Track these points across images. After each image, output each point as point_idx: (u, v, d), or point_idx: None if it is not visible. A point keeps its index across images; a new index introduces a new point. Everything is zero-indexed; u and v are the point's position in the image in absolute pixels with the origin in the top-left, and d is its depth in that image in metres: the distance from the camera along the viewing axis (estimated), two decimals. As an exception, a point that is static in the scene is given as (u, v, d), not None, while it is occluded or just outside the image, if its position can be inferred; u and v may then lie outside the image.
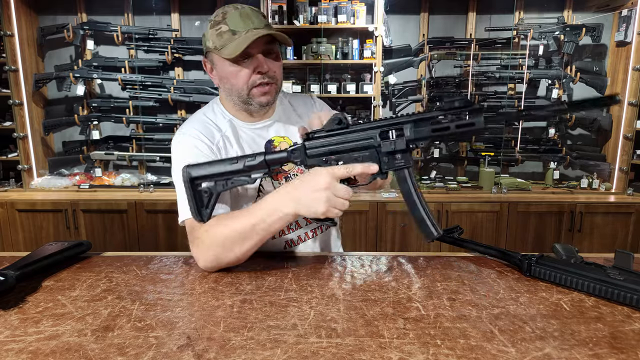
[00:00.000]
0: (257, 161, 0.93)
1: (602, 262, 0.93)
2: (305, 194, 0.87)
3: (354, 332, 0.71)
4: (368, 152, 0.88)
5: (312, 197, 0.86)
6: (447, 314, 0.77)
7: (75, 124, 3.13)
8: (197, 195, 0.96)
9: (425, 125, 0.83)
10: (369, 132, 0.87)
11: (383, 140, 0.86)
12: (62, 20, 3.06)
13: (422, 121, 0.83)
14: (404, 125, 0.85)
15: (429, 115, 0.83)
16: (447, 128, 0.81)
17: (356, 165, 0.87)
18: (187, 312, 0.78)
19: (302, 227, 1.18)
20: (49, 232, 2.86)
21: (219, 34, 1.02)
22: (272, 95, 1.09)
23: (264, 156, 0.93)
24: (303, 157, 0.92)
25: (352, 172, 0.87)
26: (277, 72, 1.09)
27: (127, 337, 0.69)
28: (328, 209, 0.86)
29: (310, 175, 0.89)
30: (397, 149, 0.86)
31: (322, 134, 0.91)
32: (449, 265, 1.01)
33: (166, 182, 3.08)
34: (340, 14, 2.90)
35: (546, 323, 0.73)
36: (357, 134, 0.88)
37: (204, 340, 0.69)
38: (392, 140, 0.86)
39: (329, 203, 0.86)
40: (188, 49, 3.04)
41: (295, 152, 0.92)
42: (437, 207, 2.79)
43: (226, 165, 0.95)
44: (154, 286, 0.90)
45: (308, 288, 0.88)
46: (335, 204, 0.87)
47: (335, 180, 0.86)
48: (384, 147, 0.86)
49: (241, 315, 0.77)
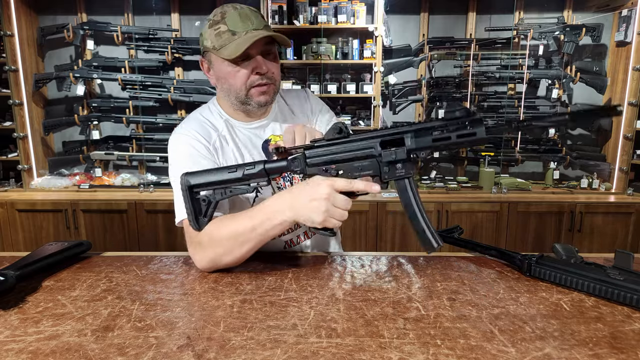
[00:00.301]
0: (257, 170, 0.93)
1: (602, 262, 0.93)
2: (304, 203, 0.87)
3: (354, 332, 0.71)
4: (368, 161, 0.88)
5: (311, 206, 0.87)
6: (447, 314, 0.77)
7: (75, 124, 3.13)
8: (195, 204, 0.96)
9: (426, 135, 0.83)
10: (369, 142, 0.87)
11: (384, 150, 0.86)
12: (62, 20, 3.06)
13: (423, 131, 0.83)
14: (405, 135, 0.84)
15: (430, 125, 0.82)
16: (448, 138, 0.81)
17: (358, 182, 0.87)
18: (187, 312, 0.78)
19: (301, 227, 1.18)
20: (49, 232, 2.86)
21: (217, 34, 1.02)
22: (270, 95, 1.09)
23: (264, 165, 0.93)
24: (303, 165, 0.92)
25: (352, 188, 0.87)
26: (276, 72, 1.09)
27: (127, 337, 0.70)
28: (326, 218, 0.86)
29: (311, 184, 0.88)
30: (398, 158, 0.85)
31: (322, 142, 0.91)
32: (449, 265, 1.02)
33: (166, 182, 3.07)
34: (340, 14, 2.90)
35: (546, 323, 0.73)
36: (357, 144, 0.88)
37: (204, 340, 0.69)
38: (392, 149, 0.85)
39: (327, 213, 0.86)
40: (188, 49, 3.04)
41: (295, 161, 0.92)
42: (437, 207, 2.79)
43: (225, 173, 0.94)
44: (154, 286, 0.90)
45: (308, 288, 0.88)
46: (334, 215, 0.87)
47: (335, 192, 0.86)
48: (384, 156, 0.86)
49: (241, 315, 0.77)
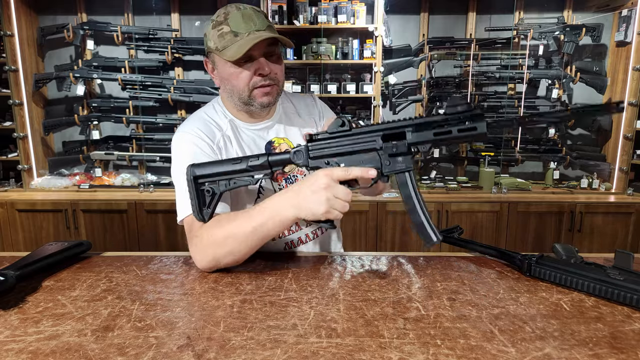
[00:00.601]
0: (260, 162, 0.94)
1: (602, 262, 0.93)
2: (305, 198, 0.87)
3: (354, 332, 0.71)
4: (370, 154, 0.88)
5: (312, 199, 0.86)
6: (447, 314, 0.77)
7: (75, 124, 3.13)
8: (199, 195, 0.97)
9: (428, 128, 0.83)
10: (371, 135, 0.87)
11: (385, 143, 0.86)
12: (62, 20, 3.05)
13: (424, 125, 0.83)
14: (406, 129, 0.85)
15: (432, 119, 0.82)
16: (449, 132, 0.81)
17: (354, 169, 0.87)
18: (187, 312, 0.78)
19: (302, 228, 1.18)
20: (49, 232, 2.85)
21: (220, 35, 1.01)
22: (273, 96, 1.09)
23: (267, 157, 0.94)
24: (305, 158, 0.92)
25: (350, 175, 0.87)
26: (279, 73, 1.08)
27: (127, 337, 0.69)
28: (328, 209, 0.86)
29: (308, 178, 0.89)
30: (399, 151, 0.85)
31: (324, 136, 0.91)
32: (449, 265, 1.02)
33: (166, 182, 3.07)
34: (340, 14, 2.89)
35: (546, 323, 0.73)
36: (359, 137, 0.88)
37: (204, 340, 0.69)
38: (394, 143, 0.85)
39: (328, 204, 0.86)
40: (188, 49, 3.03)
41: (298, 154, 0.93)
42: (437, 207, 2.78)
43: (229, 165, 0.96)
44: (154, 286, 0.90)
45: (308, 288, 0.88)
46: (335, 205, 0.86)
47: (334, 182, 0.86)
48: (385, 149, 0.86)
49: (241, 315, 0.77)
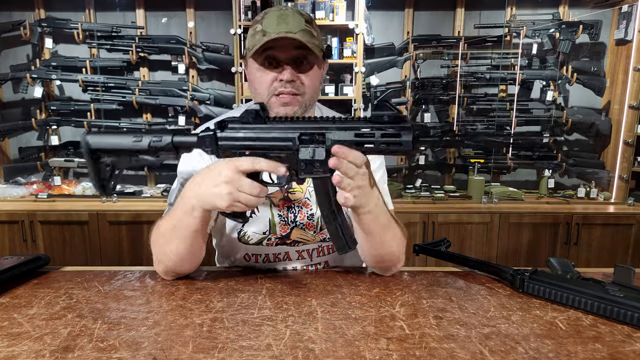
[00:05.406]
0: (164, 143, 0.87)
1: (601, 278, 0.93)
2: (206, 189, 0.86)
3: (332, 353, 0.70)
4: (285, 154, 0.84)
5: (213, 192, 0.85)
6: (433, 334, 0.77)
7: (32, 129, 3.06)
8: (99, 168, 0.92)
9: (349, 134, 0.80)
10: (287, 133, 0.83)
11: (302, 145, 0.82)
12: (18, 16, 2.98)
13: (346, 130, 0.80)
14: (326, 132, 0.81)
15: (356, 125, 0.80)
16: (372, 135, 0.79)
17: (262, 161, 0.83)
18: (153, 331, 0.78)
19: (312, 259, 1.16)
20: (4, 245, 2.77)
21: (252, 34, 1.03)
22: (293, 108, 1.04)
23: (172, 137, 0.87)
24: (214, 147, 0.86)
25: (256, 167, 0.83)
26: (307, 84, 1.04)
27: (88, 359, 0.69)
28: (230, 204, 0.84)
29: (212, 168, 0.87)
30: (316, 158, 0.82)
31: (235, 125, 0.86)
32: (436, 280, 1.02)
33: (130, 191, 3.02)
34: (319, 10, 2.81)
35: (540, 343, 0.73)
36: (274, 133, 0.83)
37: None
38: (311, 147, 0.82)
39: (230, 197, 0.83)
40: (154, 47, 2.96)
41: (206, 140, 0.86)
42: (423, 218, 2.74)
43: (130, 140, 0.88)
44: (117, 303, 0.89)
45: (284, 305, 0.88)
46: (239, 199, 0.84)
47: (239, 174, 0.83)
48: (301, 153, 0.82)
49: (211, 335, 0.76)
